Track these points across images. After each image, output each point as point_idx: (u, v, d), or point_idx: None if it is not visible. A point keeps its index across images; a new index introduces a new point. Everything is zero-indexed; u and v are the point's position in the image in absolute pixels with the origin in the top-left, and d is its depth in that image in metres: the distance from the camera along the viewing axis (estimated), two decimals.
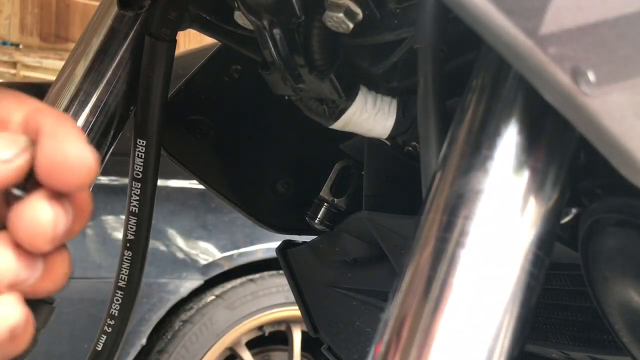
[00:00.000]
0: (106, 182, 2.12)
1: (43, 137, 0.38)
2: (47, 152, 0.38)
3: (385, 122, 0.66)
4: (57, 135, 0.38)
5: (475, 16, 0.34)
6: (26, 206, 0.38)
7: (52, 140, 0.38)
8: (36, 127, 0.39)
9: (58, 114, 0.40)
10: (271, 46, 0.61)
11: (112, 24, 0.77)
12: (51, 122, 0.39)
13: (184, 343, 2.26)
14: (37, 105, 0.40)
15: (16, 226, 0.38)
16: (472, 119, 0.42)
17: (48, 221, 0.38)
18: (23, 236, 0.38)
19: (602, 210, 0.48)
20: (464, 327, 0.38)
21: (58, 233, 0.39)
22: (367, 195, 0.83)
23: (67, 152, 0.38)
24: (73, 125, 0.39)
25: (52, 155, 0.38)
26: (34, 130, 0.39)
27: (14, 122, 0.39)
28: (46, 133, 0.38)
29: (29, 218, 0.38)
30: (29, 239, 0.38)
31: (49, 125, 0.38)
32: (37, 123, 0.39)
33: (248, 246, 2.35)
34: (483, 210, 0.39)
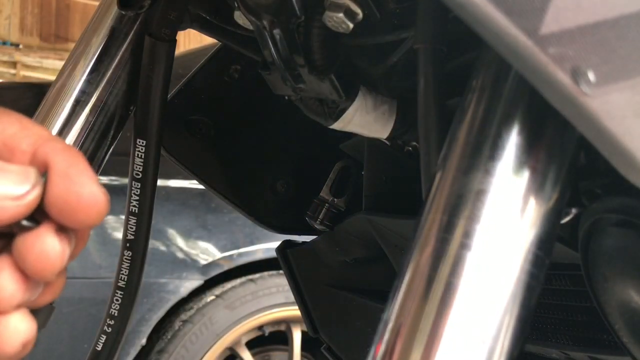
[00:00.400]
0: (106, 182, 2.12)
1: (55, 175, 0.38)
2: (59, 192, 0.38)
3: (385, 122, 0.66)
4: (70, 175, 0.38)
5: (475, 16, 0.34)
6: (35, 239, 0.38)
7: (65, 180, 0.38)
8: (45, 160, 0.39)
9: (68, 149, 0.40)
10: (271, 46, 0.61)
11: (112, 24, 0.76)
12: (63, 159, 0.39)
13: (184, 343, 2.26)
14: (45, 134, 0.40)
15: (24, 258, 0.38)
16: (472, 119, 0.42)
17: (57, 256, 0.39)
18: (32, 269, 0.38)
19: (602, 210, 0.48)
20: (464, 327, 0.38)
21: (64, 264, 0.40)
22: (367, 195, 0.83)
23: (81, 193, 0.38)
24: (84, 164, 0.39)
25: (65, 196, 0.38)
26: (43, 163, 0.39)
27: (21, 150, 0.39)
28: (58, 171, 0.38)
29: (38, 252, 0.38)
30: (37, 272, 0.39)
31: (61, 163, 0.39)
32: (47, 157, 0.39)
33: (248, 246, 2.35)
34: (483, 210, 0.39)
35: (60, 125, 0.74)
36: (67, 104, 0.75)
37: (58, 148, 0.39)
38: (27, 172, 0.38)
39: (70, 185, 0.38)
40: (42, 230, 0.39)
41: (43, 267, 0.38)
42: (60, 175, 0.38)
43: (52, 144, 0.39)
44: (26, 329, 0.40)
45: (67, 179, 0.38)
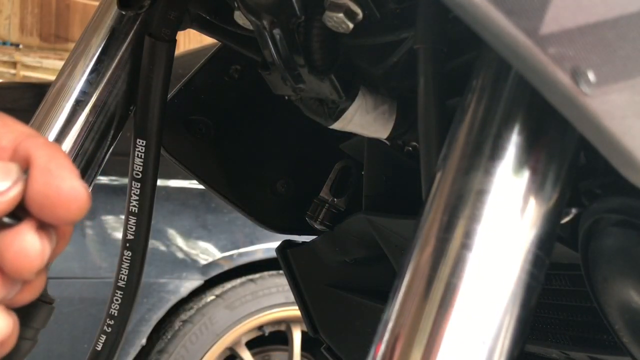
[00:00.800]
0: (106, 182, 2.12)
1: (35, 170, 0.38)
2: (39, 186, 0.38)
3: (385, 122, 0.66)
4: (50, 169, 0.38)
5: (475, 16, 0.34)
6: (15, 237, 0.38)
7: (45, 175, 0.38)
8: (27, 155, 0.38)
9: (49, 144, 0.39)
10: (271, 46, 0.61)
11: (112, 24, 0.76)
12: (43, 154, 0.38)
13: (184, 343, 2.26)
14: (26, 131, 0.40)
15: (2, 255, 0.38)
16: (472, 119, 0.42)
17: (36, 254, 0.38)
18: (9, 266, 0.38)
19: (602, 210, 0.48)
20: (464, 327, 0.38)
21: (44, 263, 0.39)
22: (367, 195, 0.83)
23: (61, 188, 0.38)
24: (65, 159, 0.39)
25: (45, 191, 0.38)
26: (24, 158, 0.38)
27: (2, 146, 0.39)
28: (38, 166, 0.38)
29: (16, 250, 0.37)
30: (15, 270, 0.38)
31: (42, 158, 0.38)
32: (28, 152, 0.38)
33: (248, 246, 2.35)
34: (483, 210, 0.39)
35: (61, 125, 0.74)
36: (67, 104, 0.75)
37: (39, 143, 0.39)
38: (8, 168, 0.38)
39: (50, 180, 0.38)
40: (22, 227, 0.38)
41: (21, 266, 0.38)
42: (41, 169, 0.38)
43: (33, 140, 0.39)
44: (4, 326, 0.39)
45: (48, 174, 0.38)
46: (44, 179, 0.38)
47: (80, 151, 0.75)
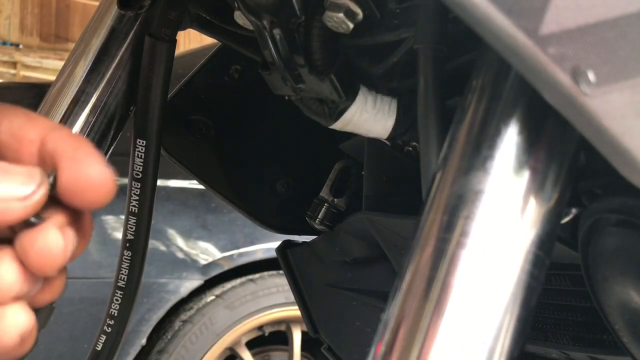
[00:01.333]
0: None
1: (63, 160, 0.40)
2: (69, 174, 0.40)
3: (385, 122, 0.66)
4: (78, 157, 0.40)
5: (475, 16, 0.34)
6: (38, 234, 0.39)
7: (75, 163, 0.40)
8: (53, 147, 0.40)
9: (74, 135, 0.42)
10: (271, 46, 0.61)
11: (112, 24, 0.77)
12: (69, 144, 0.40)
13: (184, 343, 2.26)
14: (51, 124, 0.42)
15: (27, 252, 0.39)
16: (472, 119, 0.42)
17: (59, 251, 0.40)
18: (34, 263, 0.39)
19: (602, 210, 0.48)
20: (464, 327, 0.38)
21: (66, 260, 0.41)
22: (367, 195, 0.83)
23: (89, 174, 0.40)
24: (91, 147, 0.41)
25: (74, 178, 0.40)
26: (52, 150, 0.40)
27: (29, 139, 0.41)
28: (67, 156, 0.40)
29: (40, 246, 0.39)
30: (39, 267, 0.40)
31: (68, 148, 0.40)
32: (55, 144, 0.40)
33: (248, 246, 2.35)
34: (483, 210, 0.39)
35: None
36: (67, 104, 0.75)
37: (64, 135, 0.41)
38: (32, 172, 0.40)
39: (79, 167, 0.40)
40: (46, 225, 0.40)
41: (45, 262, 0.39)
42: (69, 159, 0.40)
43: (58, 132, 0.41)
44: (24, 322, 0.41)
45: (75, 162, 0.40)
46: (73, 167, 0.40)
47: None
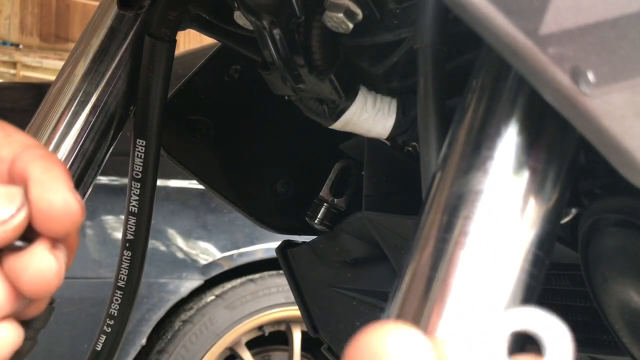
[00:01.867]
0: (106, 182, 2.12)
1: (31, 183, 0.38)
2: (33, 200, 0.37)
3: (385, 122, 0.66)
4: (44, 182, 0.37)
5: (475, 16, 0.34)
6: (30, 260, 0.37)
7: (39, 188, 0.37)
8: (24, 169, 0.38)
9: (46, 156, 0.39)
10: (271, 46, 0.61)
11: (112, 24, 0.76)
12: (38, 166, 0.38)
13: (184, 343, 2.26)
14: (26, 142, 0.39)
15: (20, 278, 0.37)
16: (472, 119, 0.42)
17: (54, 274, 0.38)
18: (27, 288, 0.37)
19: (602, 210, 0.48)
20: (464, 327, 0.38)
21: (61, 281, 0.39)
22: (367, 195, 0.83)
23: (53, 201, 0.37)
24: (60, 170, 0.38)
25: (38, 204, 0.37)
26: (22, 173, 0.38)
27: (1, 158, 0.38)
28: (33, 179, 0.38)
29: (34, 273, 0.37)
30: (33, 292, 0.37)
31: (36, 170, 0.38)
32: (25, 164, 0.38)
33: (248, 246, 2.35)
34: (483, 210, 0.39)
35: (61, 126, 0.74)
36: (67, 104, 0.75)
37: (36, 155, 0.38)
38: (12, 193, 0.37)
39: (43, 193, 0.37)
40: (35, 249, 0.37)
41: (39, 287, 0.37)
42: (35, 182, 0.37)
43: (31, 151, 0.38)
44: (14, 339, 0.39)
45: (41, 187, 0.37)
46: (38, 193, 0.37)
47: (80, 151, 0.75)
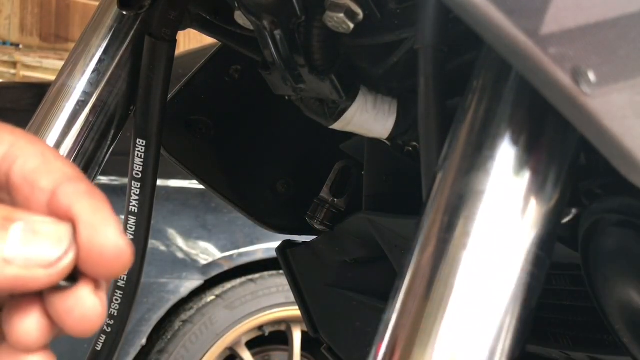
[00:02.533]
0: (106, 182, 2.12)
1: (81, 226, 0.35)
2: (85, 244, 0.35)
3: (386, 122, 0.66)
4: (94, 225, 0.35)
5: (475, 16, 0.34)
6: (76, 303, 0.35)
7: (89, 231, 0.35)
8: (69, 206, 0.35)
9: (92, 192, 0.36)
10: (271, 46, 0.61)
11: (112, 24, 0.76)
12: (86, 205, 0.35)
13: (184, 343, 2.26)
14: (67, 173, 0.36)
15: (63, 320, 0.35)
16: (473, 119, 0.42)
17: (98, 316, 0.36)
18: (71, 330, 0.35)
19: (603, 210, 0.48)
20: (464, 327, 0.38)
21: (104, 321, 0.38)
22: (367, 196, 0.83)
23: (105, 246, 0.35)
24: (109, 211, 0.36)
25: (87, 247, 0.35)
26: (66, 210, 0.35)
27: (40, 187, 0.35)
28: (82, 220, 0.35)
29: (80, 315, 0.35)
30: (78, 333, 0.35)
31: (85, 210, 0.35)
32: (70, 201, 0.35)
33: (248, 246, 2.35)
34: (484, 211, 0.39)
35: (61, 126, 0.74)
36: (67, 104, 0.75)
37: (82, 191, 0.36)
38: (60, 232, 0.35)
39: (95, 237, 0.35)
40: (80, 290, 0.35)
41: (85, 329, 0.35)
42: (84, 224, 0.35)
43: (75, 186, 0.36)
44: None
45: (91, 229, 0.35)
46: (89, 236, 0.35)
47: (80, 151, 0.75)
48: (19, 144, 0.36)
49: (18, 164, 0.36)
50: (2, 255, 0.33)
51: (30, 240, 0.34)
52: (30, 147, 0.36)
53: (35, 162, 0.36)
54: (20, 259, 0.33)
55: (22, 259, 0.33)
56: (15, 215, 0.34)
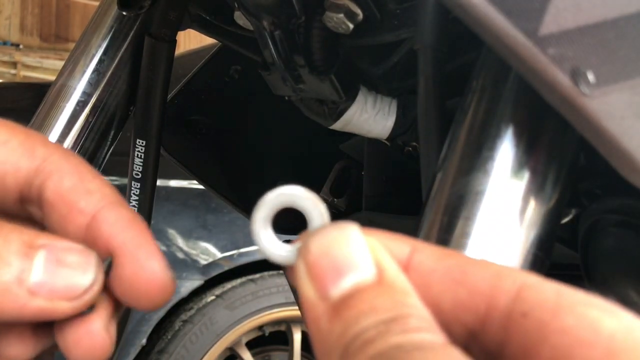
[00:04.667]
0: None
1: (124, 256, 0.33)
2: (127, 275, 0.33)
3: (385, 123, 0.66)
4: (139, 259, 0.33)
5: (475, 17, 0.34)
6: (87, 333, 0.33)
7: (134, 264, 0.33)
8: (111, 236, 0.33)
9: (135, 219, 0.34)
10: (271, 46, 0.61)
11: (112, 24, 0.76)
12: (131, 236, 0.33)
13: (184, 343, 2.26)
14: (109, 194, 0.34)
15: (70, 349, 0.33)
16: (472, 119, 0.42)
17: (107, 348, 0.33)
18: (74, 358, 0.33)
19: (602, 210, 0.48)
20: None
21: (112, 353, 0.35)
22: (367, 196, 0.83)
23: (150, 280, 0.33)
24: (153, 242, 0.34)
25: (132, 280, 0.33)
26: (106, 238, 0.33)
27: (78, 208, 0.33)
28: (126, 251, 0.33)
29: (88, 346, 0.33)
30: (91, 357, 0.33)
31: (131, 243, 0.33)
32: (113, 231, 0.33)
33: (248, 246, 2.35)
34: (483, 211, 0.39)
35: (61, 126, 0.74)
36: (67, 104, 0.75)
37: (125, 218, 0.33)
38: (87, 263, 0.32)
39: (140, 272, 0.33)
40: (94, 323, 0.33)
41: (99, 355, 0.33)
42: (129, 256, 0.33)
43: (117, 212, 0.33)
44: None
45: (137, 265, 0.33)
46: (133, 268, 0.33)
47: (80, 151, 0.75)
48: (53, 158, 0.34)
49: (53, 180, 0.33)
50: (26, 286, 0.31)
51: (55, 271, 0.32)
52: (65, 163, 0.34)
53: (71, 180, 0.33)
54: (44, 291, 0.31)
55: (47, 290, 0.31)
56: (38, 241, 0.32)
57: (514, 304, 0.26)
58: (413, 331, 0.24)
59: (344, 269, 0.27)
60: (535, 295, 0.26)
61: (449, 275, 0.28)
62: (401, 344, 0.24)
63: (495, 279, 0.27)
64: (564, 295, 0.26)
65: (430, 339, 0.24)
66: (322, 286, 0.27)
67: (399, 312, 0.25)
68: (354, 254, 0.27)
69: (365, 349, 0.24)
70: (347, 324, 0.25)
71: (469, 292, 0.27)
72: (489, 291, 0.27)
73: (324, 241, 0.28)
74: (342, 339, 0.25)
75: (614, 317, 0.25)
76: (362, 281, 0.26)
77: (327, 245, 0.28)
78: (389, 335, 0.24)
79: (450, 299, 0.27)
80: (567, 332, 0.25)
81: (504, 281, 0.27)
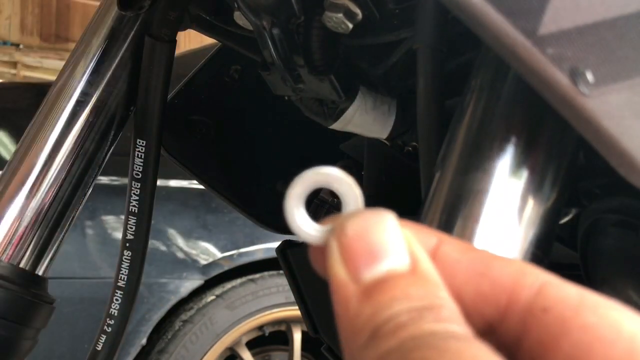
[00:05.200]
0: (106, 182, 2.12)
1: None
2: None
3: (385, 123, 0.66)
4: None
5: (474, 17, 0.34)
6: None
7: None
8: None
9: None
10: (271, 46, 0.61)
11: (112, 24, 0.77)
12: None
13: (184, 343, 2.26)
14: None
15: None
16: (471, 119, 0.42)
17: None
18: None
19: (601, 210, 0.48)
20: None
21: None
22: (367, 196, 0.83)
23: None
24: None
25: None
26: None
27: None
28: None
29: None
30: None
31: None
32: None
33: (248, 246, 2.35)
34: (482, 210, 0.39)
35: (61, 126, 0.74)
36: (67, 105, 0.75)
37: None
38: None
39: None
40: None
41: None
42: None
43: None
44: None
45: None
46: None
47: (81, 151, 0.75)
48: None
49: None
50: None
51: None
52: None
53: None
54: None
55: None
56: None
57: (535, 299, 0.26)
58: (446, 321, 0.24)
59: (379, 255, 0.26)
60: (558, 292, 0.25)
61: (472, 267, 0.27)
62: (435, 331, 0.23)
63: (519, 274, 0.26)
64: (586, 296, 0.25)
65: (462, 330, 0.24)
66: (355, 268, 0.26)
67: (432, 301, 0.25)
68: (389, 241, 0.27)
69: (397, 332, 0.24)
70: (379, 306, 0.25)
71: (491, 284, 0.27)
72: (511, 285, 0.26)
73: (360, 224, 0.27)
74: (373, 321, 0.25)
75: (635, 319, 0.24)
76: (397, 269, 0.26)
77: (364, 229, 0.27)
78: (422, 322, 0.24)
79: (472, 291, 0.27)
80: (589, 329, 0.24)
81: (527, 277, 0.26)
